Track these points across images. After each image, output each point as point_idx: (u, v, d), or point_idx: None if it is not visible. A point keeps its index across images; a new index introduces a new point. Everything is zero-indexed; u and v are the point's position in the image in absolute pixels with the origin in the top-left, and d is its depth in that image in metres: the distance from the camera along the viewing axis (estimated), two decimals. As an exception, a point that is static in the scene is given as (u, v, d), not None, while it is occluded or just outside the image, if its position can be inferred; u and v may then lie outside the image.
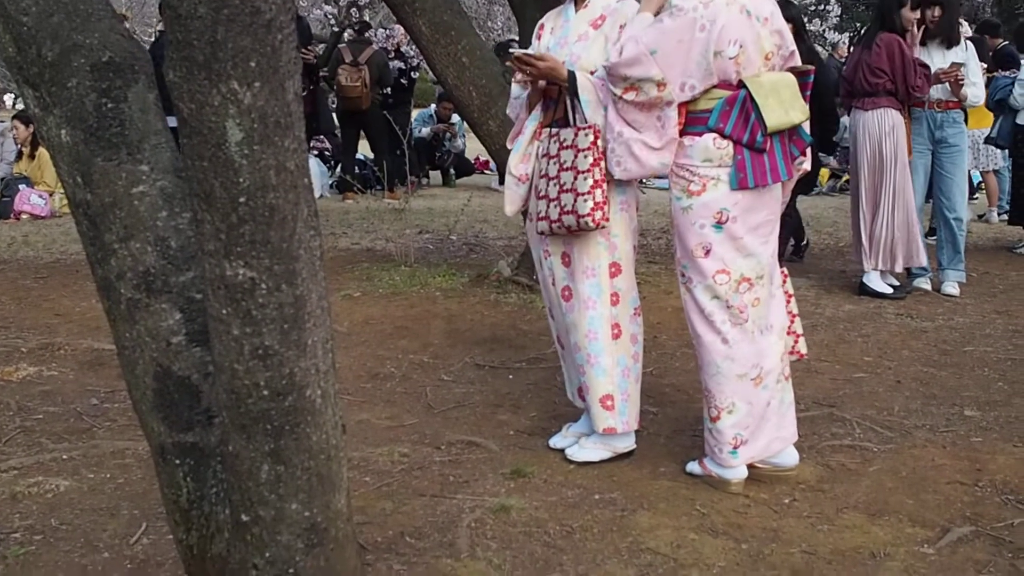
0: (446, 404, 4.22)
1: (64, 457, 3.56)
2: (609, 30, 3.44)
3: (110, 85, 2.05)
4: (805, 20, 13.37)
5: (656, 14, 3.20)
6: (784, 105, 3.17)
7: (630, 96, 3.12)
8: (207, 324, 1.97)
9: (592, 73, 3.37)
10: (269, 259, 1.82)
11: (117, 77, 2.06)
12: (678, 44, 3.06)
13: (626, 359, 3.53)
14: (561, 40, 3.54)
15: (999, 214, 9.35)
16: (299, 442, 1.95)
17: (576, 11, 3.55)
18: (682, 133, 3.20)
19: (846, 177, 10.83)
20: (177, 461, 2.12)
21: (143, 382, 2.10)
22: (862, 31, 21.84)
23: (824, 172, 11.77)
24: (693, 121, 3.18)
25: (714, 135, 3.15)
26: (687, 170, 3.19)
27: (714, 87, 3.15)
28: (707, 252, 3.19)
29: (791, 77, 3.25)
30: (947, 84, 6.15)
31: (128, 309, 2.08)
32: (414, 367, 4.73)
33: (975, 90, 6.27)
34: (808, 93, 3.30)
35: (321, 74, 10.68)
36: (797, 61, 3.31)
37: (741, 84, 3.15)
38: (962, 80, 6.11)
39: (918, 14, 6.11)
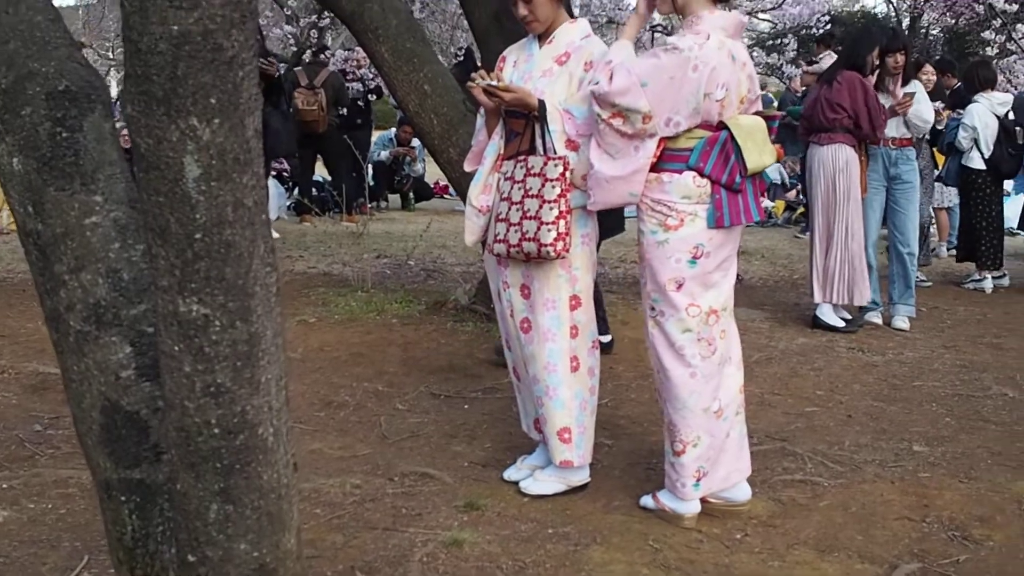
0: (400, 434, 4.20)
1: (4, 486, 3.50)
2: (574, 67, 3.46)
3: (65, 114, 2.02)
4: (763, 58, 13.56)
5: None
6: (759, 148, 3.25)
7: (616, 122, 3.12)
8: (158, 358, 1.94)
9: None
10: (224, 296, 1.79)
11: (73, 106, 2.03)
12: (670, 80, 3.09)
13: (583, 392, 3.54)
14: (525, 75, 3.54)
15: (948, 248, 9.52)
16: (250, 481, 1.93)
17: (540, 47, 3.56)
18: (661, 169, 3.22)
19: (800, 210, 10.98)
20: (123, 498, 2.09)
21: (90, 416, 2.07)
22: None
23: (779, 204, 11.92)
24: (673, 158, 3.21)
25: (694, 173, 3.19)
26: (665, 205, 3.20)
27: (696, 127, 3.19)
28: (679, 286, 3.22)
29: (762, 121, 3.32)
30: (901, 120, 6.27)
31: (77, 341, 2.04)
32: (368, 395, 4.70)
33: (922, 107, 6.39)
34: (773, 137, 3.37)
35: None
36: (759, 105, 3.38)
37: (721, 125, 3.20)
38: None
39: (898, 59, 6.25)
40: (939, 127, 7.83)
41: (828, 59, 11.68)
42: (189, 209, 1.74)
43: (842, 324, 6.20)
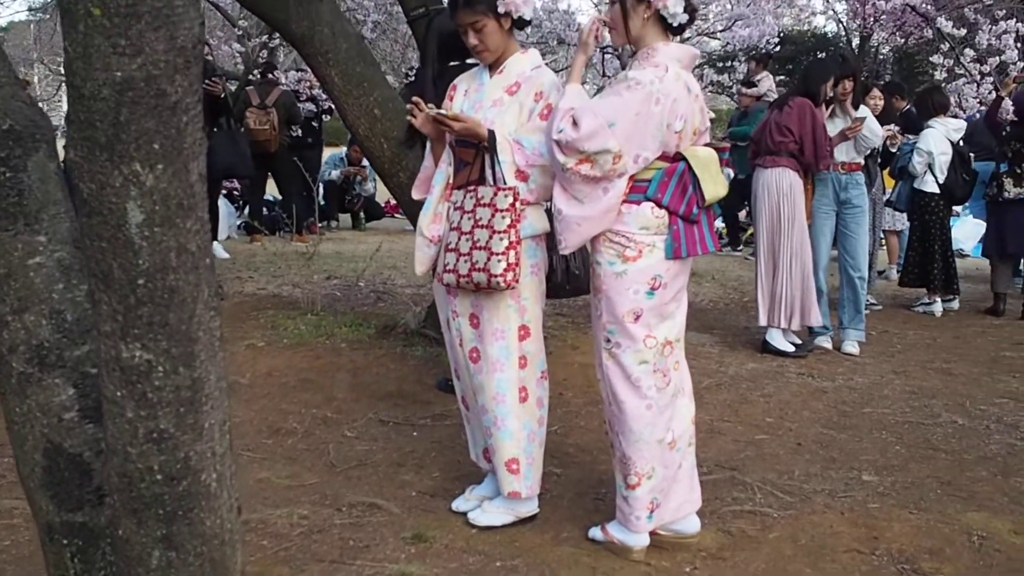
0: (348, 462, 4.18)
1: (-54, 517, 3.44)
2: (524, 97, 3.48)
3: (9, 154, 2.00)
4: (713, 76, 13.68)
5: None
6: (714, 179, 3.29)
7: (584, 169, 3.12)
8: (101, 401, 1.92)
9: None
10: (167, 341, 1.78)
11: (17, 146, 2.01)
12: (636, 117, 3.10)
13: (532, 423, 3.55)
14: (475, 104, 3.55)
15: (897, 271, 9.64)
16: (192, 527, 1.91)
17: (491, 76, 3.58)
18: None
19: (750, 231, 11.07)
20: (65, 541, 2.06)
21: (32, 458, 2.04)
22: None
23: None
24: (631, 189, 3.22)
25: (652, 204, 3.21)
26: (623, 236, 3.22)
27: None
28: (637, 318, 3.23)
29: (714, 152, 3.36)
30: (851, 145, 6.38)
31: (19, 383, 2.02)
32: (317, 422, 4.68)
33: (870, 122, 6.49)
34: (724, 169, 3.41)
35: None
36: (708, 137, 3.42)
37: (678, 156, 3.22)
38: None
39: (846, 86, 6.37)
40: (892, 150, 7.94)
41: (767, 80, 11.85)
42: (132, 255, 1.73)
43: (792, 349, 6.26)
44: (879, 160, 7.80)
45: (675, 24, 3.22)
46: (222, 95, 7.33)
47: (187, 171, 1.75)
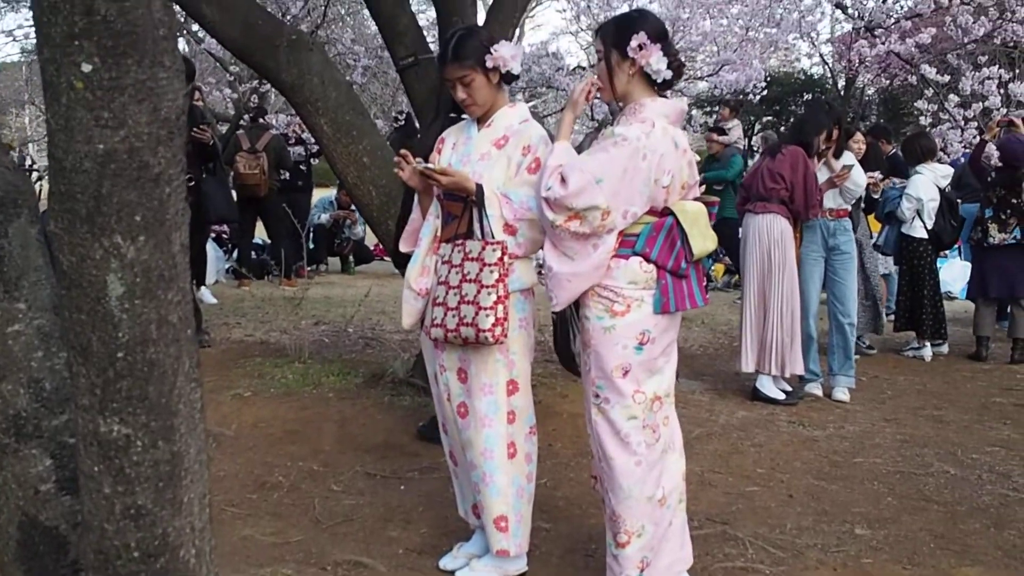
0: (334, 518, 4.12)
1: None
2: (512, 151, 3.47)
3: (-11, 219, 1.98)
4: (702, 118, 13.76)
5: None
6: (703, 234, 3.28)
7: (573, 225, 3.10)
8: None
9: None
10: (146, 415, 1.75)
11: (-2, 211, 1.99)
12: (623, 173, 3.09)
13: (520, 479, 3.51)
14: (463, 157, 3.54)
15: (887, 315, 9.62)
16: (172, 605, 1.87)
17: (479, 129, 3.57)
18: None
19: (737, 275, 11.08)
20: (41, 616, 2.01)
21: (6, 532, 2.00)
22: (754, 127, 22.58)
23: (719, 268, 12.02)
24: (620, 244, 3.20)
25: (640, 259, 3.19)
26: (612, 291, 3.19)
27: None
28: (626, 373, 3.20)
29: (704, 207, 3.34)
30: (838, 191, 6.40)
31: (-4, 454, 1.98)
32: (303, 476, 4.62)
33: (855, 173, 6.50)
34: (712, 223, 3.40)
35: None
36: (697, 191, 3.40)
37: (666, 211, 3.21)
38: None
39: (832, 134, 6.41)
40: (875, 196, 7.96)
41: (736, 129, 11.93)
42: (112, 327, 1.70)
43: (782, 396, 6.22)
44: (863, 204, 7.82)
45: (659, 80, 3.22)
46: (211, 142, 7.31)
47: (169, 242, 1.73)
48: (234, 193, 10.24)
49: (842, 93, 19.55)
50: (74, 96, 1.60)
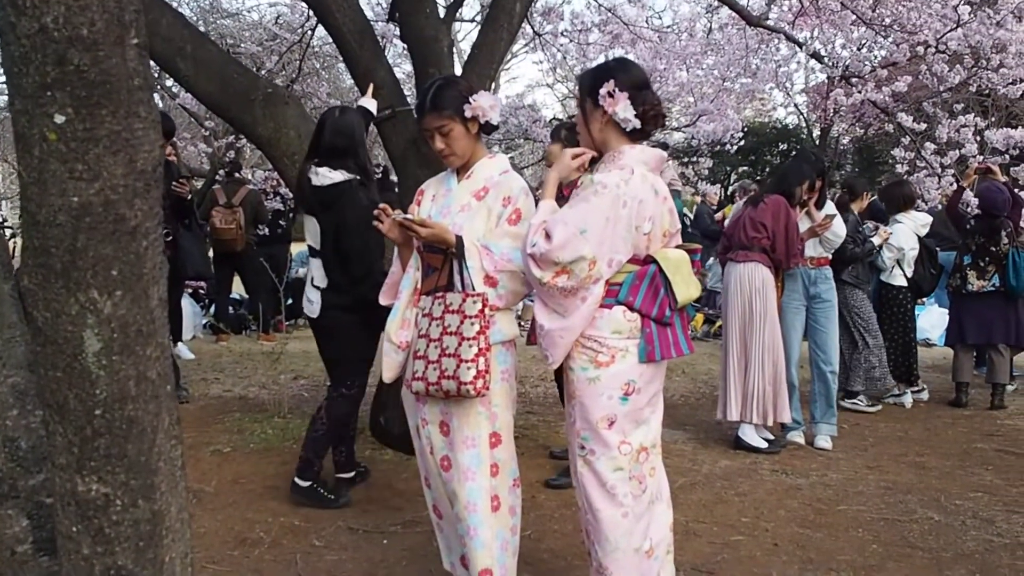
0: (317, 574, 4.05)
1: None
2: (492, 202, 3.45)
3: (-38, 276, 1.94)
4: (679, 169, 13.85)
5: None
6: (686, 281, 3.26)
7: (561, 281, 3.09)
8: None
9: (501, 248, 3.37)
10: (125, 474, 1.71)
11: (-30, 267, 1.95)
12: (606, 221, 3.08)
13: (505, 532, 3.45)
14: (443, 209, 3.53)
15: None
16: (152, 669, 1.81)
17: (459, 181, 3.56)
18: None
19: (719, 323, 11.08)
20: None
21: (-18, 595, 1.94)
22: (730, 176, 22.75)
23: (699, 317, 12.03)
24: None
25: (624, 308, 3.17)
26: (595, 341, 3.17)
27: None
28: (611, 424, 3.17)
29: (686, 254, 3.33)
30: (820, 240, 6.42)
31: (-30, 515, 1.93)
32: (284, 531, 4.55)
33: (838, 227, 6.52)
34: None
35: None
36: (679, 239, 3.39)
37: (649, 259, 3.19)
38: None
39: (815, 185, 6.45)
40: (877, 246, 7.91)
41: (669, 171, 11.98)
42: (89, 385, 1.67)
43: (765, 445, 6.20)
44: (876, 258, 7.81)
45: (627, 129, 3.22)
46: (188, 196, 7.30)
47: (147, 296, 1.70)
48: (211, 248, 10.20)
49: (817, 143, 19.76)
50: (47, 148, 1.57)
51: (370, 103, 5.43)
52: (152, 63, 6.44)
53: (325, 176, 4.63)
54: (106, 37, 1.57)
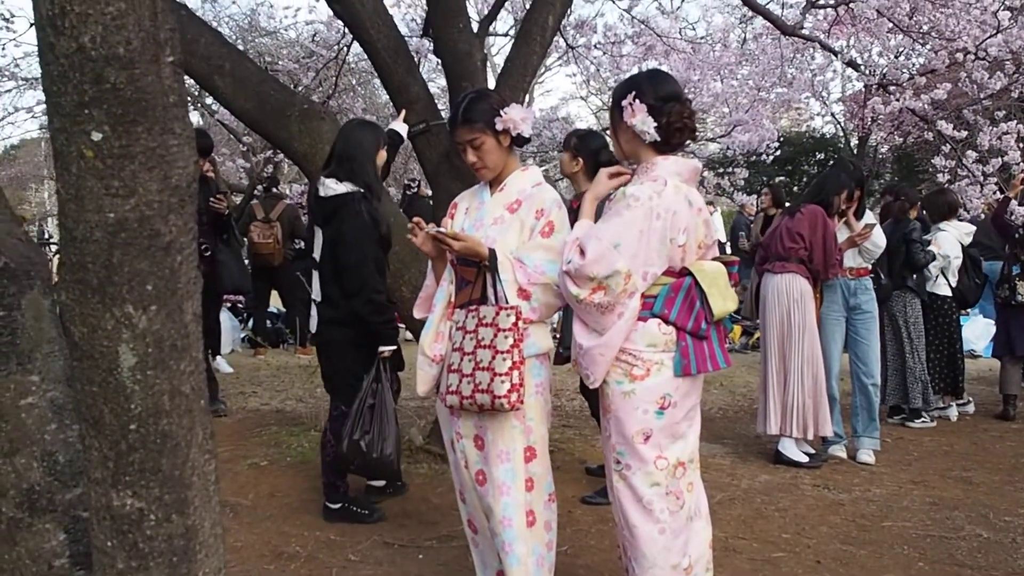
0: (353, 589, 4.05)
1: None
2: (525, 215, 3.44)
3: (3, 292, 1.97)
4: (714, 180, 13.77)
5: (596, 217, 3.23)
6: (723, 294, 3.22)
7: (597, 297, 3.06)
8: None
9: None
10: (159, 488, 1.72)
11: (11, 283, 1.98)
12: (639, 234, 3.06)
13: (540, 548, 3.43)
14: (477, 222, 3.53)
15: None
16: None
17: (492, 194, 3.55)
18: None
19: (757, 334, 10.99)
20: None
21: (20, 609, 1.96)
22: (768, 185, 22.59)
23: (736, 329, 11.94)
24: None
25: (659, 321, 3.15)
26: (630, 354, 3.14)
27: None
28: (647, 438, 3.14)
29: (723, 267, 3.29)
30: (859, 250, 6.34)
31: (8, 529, 1.95)
32: (320, 545, 4.55)
33: (875, 234, 6.45)
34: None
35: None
36: (716, 251, 3.36)
37: (684, 271, 3.17)
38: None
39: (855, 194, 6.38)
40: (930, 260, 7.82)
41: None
42: (124, 399, 1.68)
43: (806, 459, 6.12)
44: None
45: (646, 141, 3.20)
46: (226, 212, 7.35)
47: (181, 311, 1.71)
48: (248, 262, 10.27)
49: (855, 152, 19.59)
50: (84, 165, 1.59)
51: (400, 127, 5.45)
52: (191, 81, 6.51)
53: (330, 187, 4.64)
54: (142, 55, 1.58)
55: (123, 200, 1.61)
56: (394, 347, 4.66)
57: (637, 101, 3.17)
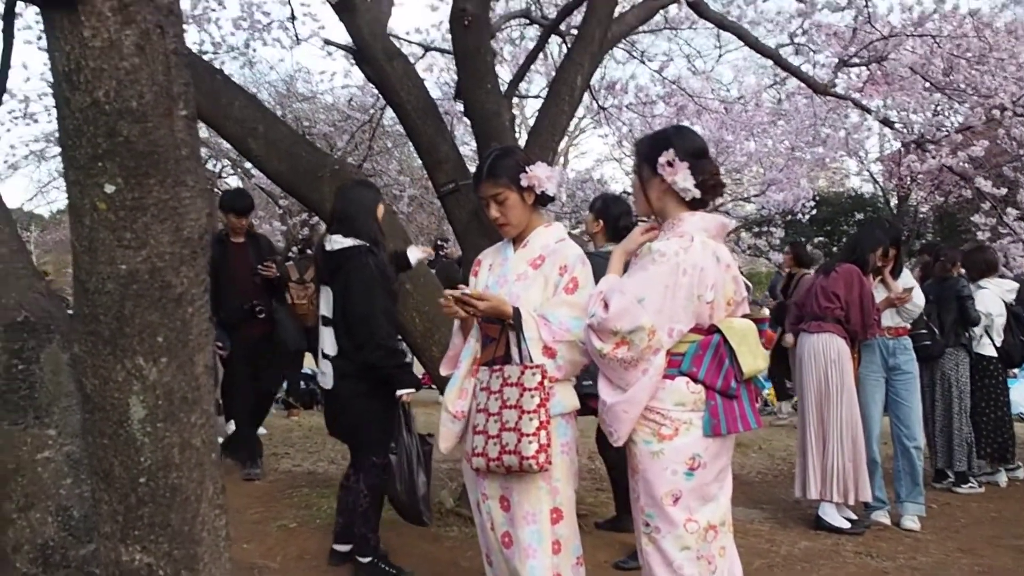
0: (380, 652, 3.99)
1: None
2: (549, 271, 3.43)
3: (23, 345, 1.98)
4: (750, 240, 13.72)
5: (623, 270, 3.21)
6: (753, 351, 3.16)
7: (621, 352, 3.02)
8: (104, 604, 1.83)
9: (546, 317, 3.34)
10: (168, 543, 1.70)
11: (31, 337, 1.99)
12: (664, 290, 3.03)
13: (568, 611, 3.37)
14: (500, 278, 3.52)
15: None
16: None
17: (515, 250, 3.55)
18: None
19: (795, 399, 10.83)
20: None
21: (31, 667, 1.94)
22: (805, 247, 22.47)
23: (771, 391, 11.77)
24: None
25: (687, 379, 3.09)
26: (658, 413, 3.08)
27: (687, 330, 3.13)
28: (676, 500, 3.07)
29: (753, 324, 3.25)
30: (898, 309, 6.25)
31: (22, 585, 1.94)
32: (349, 608, 4.50)
33: (917, 297, 6.36)
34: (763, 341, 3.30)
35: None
36: (746, 308, 3.32)
37: (713, 329, 3.13)
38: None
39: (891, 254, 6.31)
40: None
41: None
42: (134, 452, 1.67)
43: (847, 525, 5.94)
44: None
45: (687, 198, 3.18)
46: (276, 276, 7.36)
47: (192, 363, 1.70)
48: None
49: (895, 211, 19.48)
50: (97, 217, 1.60)
51: (414, 253, 5.43)
52: (230, 145, 6.60)
53: (336, 242, 4.68)
54: (155, 109, 1.60)
55: (135, 252, 1.62)
56: (413, 390, 4.66)
57: (678, 159, 3.14)
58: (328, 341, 4.77)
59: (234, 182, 15.60)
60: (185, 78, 1.65)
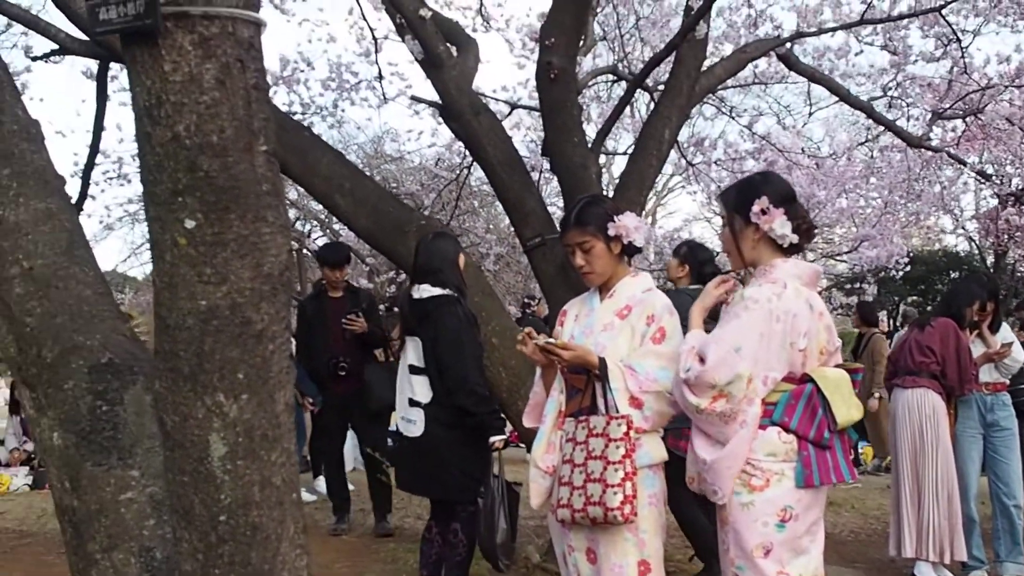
0: None
1: None
2: (635, 321, 3.39)
3: (107, 387, 1.99)
4: (842, 298, 13.47)
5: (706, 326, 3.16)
6: (846, 401, 3.08)
7: (719, 406, 2.96)
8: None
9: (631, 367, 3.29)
10: (248, 583, 1.68)
11: (115, 379, 2.00)
12: (760, 337, 2.98)
13: (656, 666, 3.27)
14: (586, 329, 3.48)
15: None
16: None
17: (601, 300, 3.51)
18: None
19: (889, 458, 10.54)
20: None
21: None
22: (898, 307, 22.03)
23: (868, 450, 11.48)
24: None
25: (779, 429, 3.02)
26: (749, 463, 3.01)
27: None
28: (767, 552, 2.98)
29: (847, 374, 3.16)
30: (996, 364, 6.07)
31: (103, 627, 1.93)
32: (434, 664, 4.44)
33: (1017, 352, 6.16)
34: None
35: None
36: (839, 358, 3.23)
37: (805, 378, 3.05)
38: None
39: (988, 307, 6.14)
40: None
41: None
42: (214, 489, 1.66)
43: (944, 583, 5.76)
44: None
45: (784, 245, 3.11)
46: (364, 330, 7.25)
47: (273, 401, 1.69)
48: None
49: (991, 269, 18.98)
50: (178, 252, 1.61)
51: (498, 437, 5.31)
52: (320, 206, 6.67)
53: (425, 290, 4.67)
54: (235, 144, 1.61)
55: (215, 287, 1.62)
56: (504, 436, 4.61)
57: (772, 205, 3.09)
58: (420, 389, 4.75)
59: (322, 243, 15.86)
60: (265, 113, 1.66)
